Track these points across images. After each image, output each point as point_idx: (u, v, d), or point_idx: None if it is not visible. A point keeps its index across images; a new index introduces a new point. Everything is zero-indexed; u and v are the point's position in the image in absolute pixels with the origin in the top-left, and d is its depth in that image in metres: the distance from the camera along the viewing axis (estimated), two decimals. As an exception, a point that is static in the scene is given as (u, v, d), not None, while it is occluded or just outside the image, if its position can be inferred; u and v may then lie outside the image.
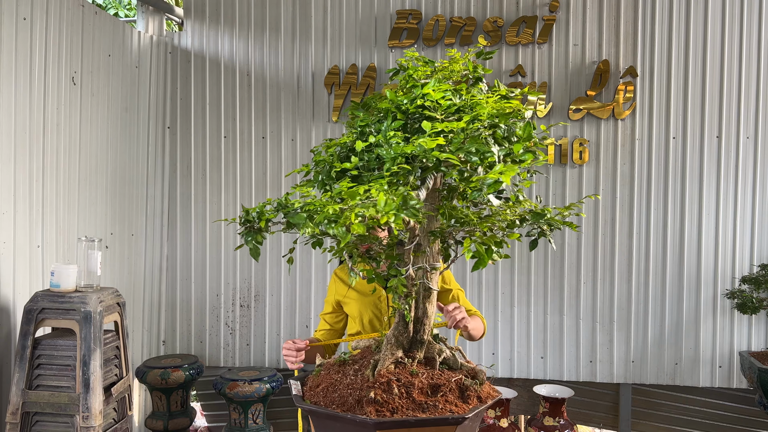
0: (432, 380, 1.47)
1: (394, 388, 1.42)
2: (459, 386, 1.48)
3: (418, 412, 1.38)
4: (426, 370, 1.52)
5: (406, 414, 1.38)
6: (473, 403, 1.45)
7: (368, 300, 2.34)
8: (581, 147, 3.66)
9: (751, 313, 3.33)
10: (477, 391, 1.48)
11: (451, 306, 2.02)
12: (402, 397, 1.41)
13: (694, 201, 3.60)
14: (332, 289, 2.44)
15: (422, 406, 1.40)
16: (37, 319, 2.50)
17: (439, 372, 1.53)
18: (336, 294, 2.41)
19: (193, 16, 3.99)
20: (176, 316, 4.04)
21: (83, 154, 3.27)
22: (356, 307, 2.35)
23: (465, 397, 1.46)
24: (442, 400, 1.42)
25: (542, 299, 3.76)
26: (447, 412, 1.38)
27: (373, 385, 1.44)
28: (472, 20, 3.72)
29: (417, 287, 1.58)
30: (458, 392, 1.47)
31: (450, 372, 1.54)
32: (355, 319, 2.36)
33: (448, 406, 1.40)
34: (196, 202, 4.00)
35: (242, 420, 3.54)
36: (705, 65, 3.57)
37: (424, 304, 1.60)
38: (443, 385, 1.46)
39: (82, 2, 3.25)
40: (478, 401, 1.47)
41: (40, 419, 2.49)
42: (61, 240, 3.07)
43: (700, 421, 3.83)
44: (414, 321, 1.60)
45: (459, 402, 1.44)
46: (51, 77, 3.00)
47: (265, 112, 3.94)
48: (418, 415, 1.37)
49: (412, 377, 1.47)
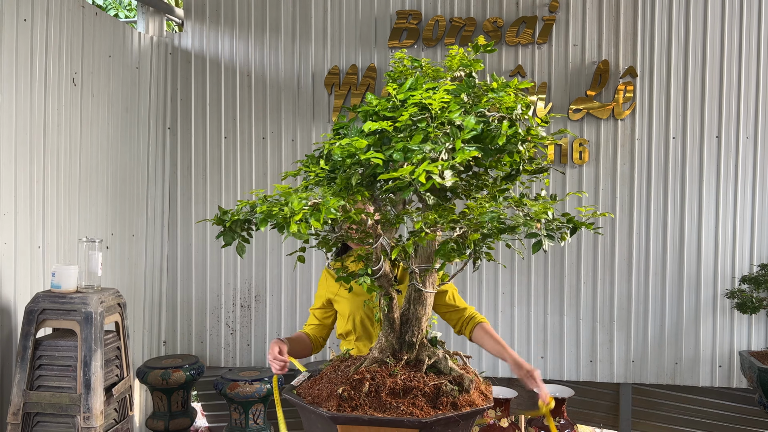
0: (409, 382, 1.45)
1: (365, 386, 1.44)
2: (434, 391, 1.45)
3: (378, 411, 1.39)
4: (408, 372, 1.50)
5: (365, 411, 1.39)
6: (445, 409, 1.40)
7: (361, 300, 2.27)
8: (581, 147, 3.66)
9: (750, 312, 3.33)
10: (455, 398, 1.43)
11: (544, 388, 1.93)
12: (369, 396, 1.43)
13: (694, 201, 3.61)
14: (323, 285, 2.38)
15: (385, 406, 1.40)
16: (38, 320, 2.51)
17: (421, 375, 1.49)
18: (327, 291, 2.35)
19: (194, 17, 4.00)
20: (177, 317, 4.04)
21: (84, 155, 3.28)
22: (348, 306, 2.29)
23: (437, 403, 1.42)
24: (408, 402, 1.40)
25: (542, 299, 3.76)
26: (407, 414, 1.37)
27: (346, 382, 1.48)
28: (472, 20, 3.72)
29: (394, 287, 1.59)
30: (431, 397, 1.43)
31: (433, 376, 1.50)
32: (346, 318, 2.30)
33: (412, 409, 1.38)
34: (196, 202, 4.00)
35: (243, 420, 3.55)
36: (704, 65, 3.58)
37: (414, 306, 1.58)
38: (416, 388, 1.44)
39: (83, 3, 3.25)
40: (453, 408, 1.42)
41: (41, 420, 2.50)
42: (61, 241, 3.08)
43: (700, 420, 3.84)
44: (402, 322, 1.59)
45: (427, 406, 1.41)
46: (52, 78, 3.01)
47: (266, 112, 3.95)
48: (377, 414, 1.38)
49: (389, 377, 1.47)
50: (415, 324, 1.57)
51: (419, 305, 1.57)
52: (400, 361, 1.55)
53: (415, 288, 1.57)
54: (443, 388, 1.45)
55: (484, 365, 3.80)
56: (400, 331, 1.59)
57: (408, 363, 1.55)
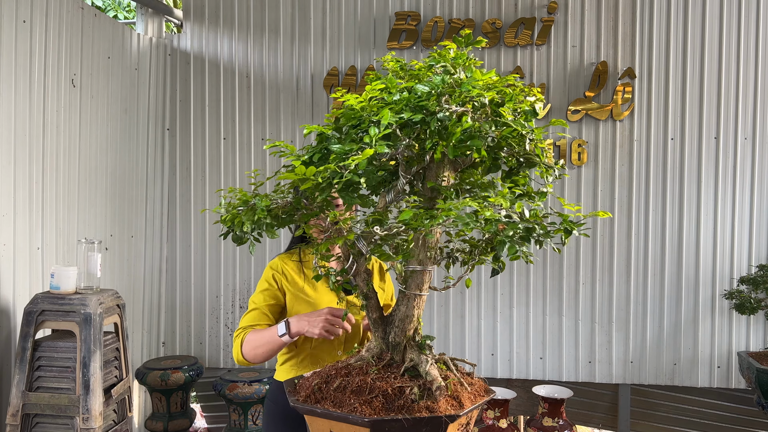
0: (378, 382, 1.47)
1: (336, 382, 1.50)
2: (398, 393, 1.45)
3: (336, 407, 1.45)
4: (383, 373, 1.51)
5: (326, 405, 1.47)
6: (398, 412, 1.40)
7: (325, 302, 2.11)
8: (580, 148, 3.67)
9: (749, 313, 3.34)
10: (414, 402, 1.42)
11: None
12: (336, 391, 1.49)
13: (693, 202, 3.61)
14: (274, 277, 2.14)
15: (343, 402, 1.45)
16: (37, 321, 2.51)
17: (393, 376, 1.50)
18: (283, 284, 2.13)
19: (193, 18, 4.00)
20: (176, 318, 4.05)
21: (83, 156, 3.28)
22: (307, 308, 2.10)
23: (391, 407, 1.42)
24: (364, 400, 1.44)
25: (541, 300, 3.77)
26: (353, 411, 1.41)
27: (323, 376, 1.55)
28: (471, 22, 3.73)
29: (370, 286, 1.59)
30: (392, 398, 1.44)
31: (406, 379, 1.49)
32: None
33: (364, 408, 1.41)
34: (195, 203, 4.01)
35: (242, 421, 3.55)
36: (703, 66, 3.58)
37: (398, 307, 1.58)
38: (380, 388, 1.45)
39: (82, 5, 3.25)
40: (407, 412, 1.41)
41: (40, 421, 2.50)
42: (61, 242, 3.08)
43: (698, 421, 3.84)
44: (388, 323, 1.59)
45: (381, 407, 1.42)
46: (51, 79, 3.01)
47: (265, 113, 3.95)
48: (330, 408, 1.45)
49: (361, 376, 1.50)
50: (398, 325, 1.56)
51: (402, 306, 1.56)
52: (382, 361, 1.56)
53: (400, 289, 1.57)
54: (406, 391, 1.44)
55: (484, 367, 3.81)
56: (384, 332, 1.59)
57: (390, 364, 1.55)
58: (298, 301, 2.12)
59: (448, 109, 1.38)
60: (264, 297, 2.11)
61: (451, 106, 1.39)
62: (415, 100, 1.40)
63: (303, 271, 2.15)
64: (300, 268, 2.16)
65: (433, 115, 1.37)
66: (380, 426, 1.37)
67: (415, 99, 1.40)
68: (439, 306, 3.84)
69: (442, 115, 1.36)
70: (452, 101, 1.41)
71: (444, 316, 3.84)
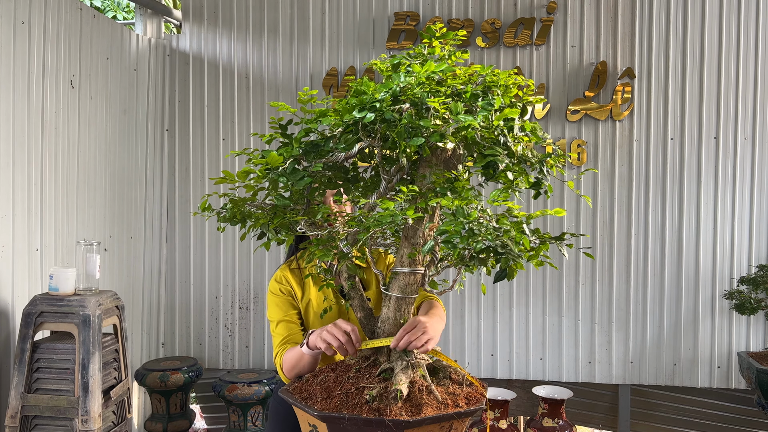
0: (346, 381, 1.52)
1: (320, 376, 1.57)
2: (355, 392, 1.48)
3: (303, 398, 1.52)
4: (362, 372, 1.53)
5: (296, 395, 1.54)
6: (351, 411, 1.43)
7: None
8: (579, 148, 3.66)
9: (749, 313, 3.33)
10: (368, 403, 1.43)
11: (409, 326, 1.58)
12: (316, 384, 1.57)
13: (692, 202, 3.61)
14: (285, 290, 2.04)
15: (311, 395, 1.53)
16: (36, 323, 2.50)
17: (365, 378, 1.51)
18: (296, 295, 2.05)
19: (192, 19, 4.00)
20: (175, 319, 4.04)
21: (82, 157, 3.27)
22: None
23: (346, 404, 1.46)
24: (326, 395, 1.50)
25: (541, 300, 3.76)
26: (314, 405, 1.48)
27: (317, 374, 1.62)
28: (470, 22, 3.73)
29: (351, 285, 1.61)
30: (350, 397, 1.48)
31: (372, 380, 1.51)
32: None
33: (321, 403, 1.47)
34: (194, 204, 4.00)
35: (241, 422, 3.55)
36: (702, 66, 3.58)
37: (383, 309, 1.57)
38: (343, 386, 1.50)
39: (80, 5, 3.25)
40: (358, 412, 1.43)
41: (39, 423, 2.49)
42: (59, 243, 3.07)
43: (698, 421, 3.84)
44: (369, 323, 1.60)
45: (339, 406, 1.46)
46: (49, 80, 3.01)
47: (264, 114, 3.95)
48: (298, 399, 1.53)
49: (341, 373, 1.56)
50: (380, 326, 1.57)
51: (385, 308, 1.56)
52: (368, 360, 1.57)
53: (383, 291, 1.57)
54: (364, 391, 1.46)
55: (483, 368, 3.80)
56: (372, 333, 1.60)
57: (374, 364, 1.56)
58: (305, 308, 2.04)
59: (393, 109, 1.38)
60: (283, 309, 2.00)
61: (403, 105, 1.39)
62: (368, 100, 1.39)
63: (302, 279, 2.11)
64: (300, 276, 2.07)
65: (382, 114, 1.37)
66: (331, 421, 1.41)
67: (368, 99, 1.39)
68: (439, 306, 3.83)
69: (389, 115, 1.36)
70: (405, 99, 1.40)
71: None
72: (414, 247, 1.49)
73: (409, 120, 1.36)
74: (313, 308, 2.01)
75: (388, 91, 1.38)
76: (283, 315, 1.98)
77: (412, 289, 1.53)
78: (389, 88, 1.38)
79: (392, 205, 1.36)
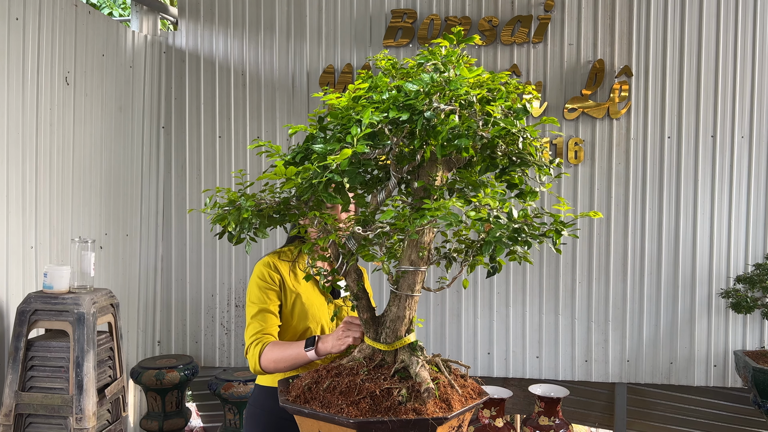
0: (367, 383, 1.49)
1: (326, 382, 1.52)
2: (385, 394, 1.46)
3: (324, 408, 1.47)
4: (374, 374, 1.51)
5: (315, 406, 1.49)
6: (385, 414, 1.41)
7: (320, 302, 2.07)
8: (576, 146, 3.66)
9: (745, 312, 3.33)
10: (401, 404, 1.42)
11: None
12: (326, 391, 1.51)
13: (689, 200, 3.61)
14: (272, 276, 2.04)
15: (331, 403, 1.48)
16: (30, 321, 2.49)
17: (383, 378, 1.50)
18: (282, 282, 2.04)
19: (188, 16, 3.98)
20: (171, 317, 4.03)
21: (77, 155, 3.26)
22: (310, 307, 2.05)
23: (378, 408, 1.44)
24: (351, 401, 1.47)
25: (537, 299, 3.76)
26: (340, 412, 1.44)
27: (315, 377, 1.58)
28: (467, 20, 3.71)
29: (360, 286, 1.59)
30: (379, 399, 1.46)
31: (396, 380, 1.50)
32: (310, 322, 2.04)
33: (350, 409, 1.43)
34: (191, 202, 3.99)
35: (237, 420, 3.54)
36: (700, 64, 3.57)
37: (389, 307, 1.56)
38: (365, 390, 1.47)
39: (76, 2, 3.23)
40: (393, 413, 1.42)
41: (33, 421, 2.48)
42: (54, 241, 3.06)
43: (695, 420, 3.84)
44: (379, 323, 1.58)
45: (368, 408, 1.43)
46: (44, 77, 2.99)
47: (260, 111, 3.93)
48: (317, 409, 1.47)
49: (351, 377, 1.52)
50: (389, 326, 1.55)
51: (393, 306, 1.55)
52: (373, 362, 1.55)
53: (391, 290, 1.56)
54: (393, 393, 1.44)
55: (480, 366, 3.80)
56: (376, 333, 1.58)
57: (381, 365, 1.54)
58: (293, 300, 2.04)
59: (435, 108, 1.37)
60: (267, 295, 1.98)
61: (439, 104, 1.38)
62: (403, 98, 1.38)
63: (294, 271, 2.11)
64: (291, 268, 2.09)
65: (421, 114, 1.36)
66: (366, 427, 1.37)
67: (402, 97, 1.38)
68: (435, 305, 3.83)
69: (429, 114, 1.35)
70: (441, 100, 1.40)
71: (440, 315, 3.83)
72: (421, 245, 1.49)
73: (464, 121, 1.38)
74: (302, 301, 2.02)
75: (421, 91, 1.38)
76: (265, 303, 1.97)
77: (418, 288, 1.55)
78: (422, 87, 1.38)
79: (449, 204, 1.33)
